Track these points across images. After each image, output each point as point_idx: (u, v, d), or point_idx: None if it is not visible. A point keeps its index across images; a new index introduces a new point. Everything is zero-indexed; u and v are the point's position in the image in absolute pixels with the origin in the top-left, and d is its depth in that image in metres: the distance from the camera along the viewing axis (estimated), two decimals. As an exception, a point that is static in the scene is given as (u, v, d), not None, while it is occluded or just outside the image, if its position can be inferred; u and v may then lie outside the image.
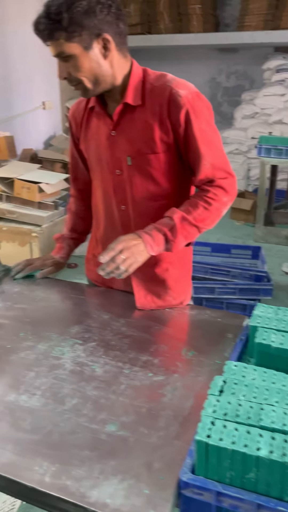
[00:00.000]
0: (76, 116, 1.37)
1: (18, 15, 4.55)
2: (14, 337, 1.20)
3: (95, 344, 1.17)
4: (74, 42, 1.11)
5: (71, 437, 0.87)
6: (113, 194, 1.32)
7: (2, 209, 3.30)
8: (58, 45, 1.12)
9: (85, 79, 1.16)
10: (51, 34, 1.10)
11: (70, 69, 1.15)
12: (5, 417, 0.92)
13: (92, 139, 1.33)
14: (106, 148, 1.28)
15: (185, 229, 1.22)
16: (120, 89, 1.22)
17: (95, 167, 1.35)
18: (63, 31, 1.09)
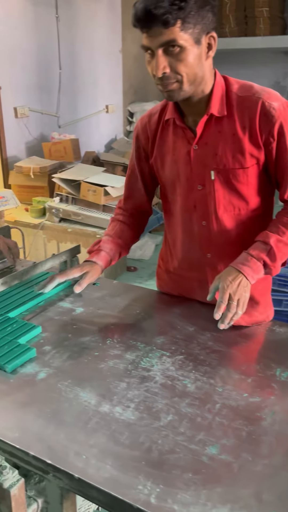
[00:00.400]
0: (148, 129, 1.30)
1: (87, 20, 4.64)
2: (100, 344, 1.19)
3: (183, 357, 1.14)
4: (188, 33, 1.04)
5: (171, 457, 0.84)
6: (193, 210, 1.27)
7: (67, 211, 3.36)
8: (170, 33, 1.02)
9: (186, 76, 1.08)
10: (168, 18, 1.00)
11: (173, 63, 1.06)
12: (102, 429, 0.90)
13: (168, 154, 1.27)
14: (186, 163, 1.23)
15: (281, 251, 1.18)
16: (205, 99, 1.17)
17: (171, 183, 1.30)
18: (182, 18, 1.02)
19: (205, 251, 1.30)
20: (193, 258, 1.33)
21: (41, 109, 4.24)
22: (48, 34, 4.18)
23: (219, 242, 1.27)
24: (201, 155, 1.20)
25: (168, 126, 1.25)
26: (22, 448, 0.85)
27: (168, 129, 1.25)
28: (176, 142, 1.24)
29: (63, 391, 1.01)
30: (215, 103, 1.15)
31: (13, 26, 3.78)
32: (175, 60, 1.06)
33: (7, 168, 3.89)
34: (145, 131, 1.31)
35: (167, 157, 1.27)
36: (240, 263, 1.18)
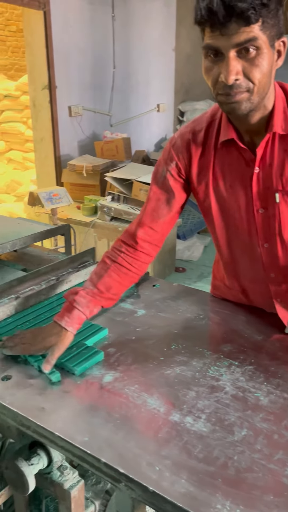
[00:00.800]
0: (192, 149, 1.14)
1: (142, 19, 4.63)
2: (165, 349, 1.16)
3: (253, 368, 1.08)
4: (266, 34, 0.90)
5: (249, 476, 0.79)
6: (254, 233, 1.15)
7: (119, 210, 3.36)
8: (250, 31, 0.88)
9: (258, 84, 0.93)
10: (252, 15, 0.86)
11: (247, 68, 0.92)
12: (174, 439, 0.87)
13: (220, 178, 1.13)
14: (246, 186, 1.10)
15: None
16: (267, 116, 1.03)
17: (224, 208, 1.16)
18: (264, 16, 0.88)
19: (268, 272, 1.21)
20: (255, 276, 1.25)
21: (94, 108, 4.27)
22: (103, 33, 4.20)
23: (284, 263, 1.17)
24: (265, 177, 1.08)
25: (221, 148, 1.10)
26: (93, 453, 0.83)
27: (221, 150, 1.11)
28: (231, 165, 1.10)
29: (131, 396, 0.98)
30: (277, 119, 1.02)
31: (70, 25, 3.82)
32: (249, 64, 0.91)
33: (60, 166, 3.94)
34: (188, 149, 1.14)
35: (220, 181, 1.13)
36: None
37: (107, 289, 1.15)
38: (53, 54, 3.70)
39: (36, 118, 3.91)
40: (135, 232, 1.19)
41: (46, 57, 3.68)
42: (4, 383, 1.02)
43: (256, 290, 1.30)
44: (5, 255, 1.69)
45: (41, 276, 1.38)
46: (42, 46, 3.65)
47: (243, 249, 1.22)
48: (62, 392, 0.99)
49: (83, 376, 1.05)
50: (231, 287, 1.36)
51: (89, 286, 1.15)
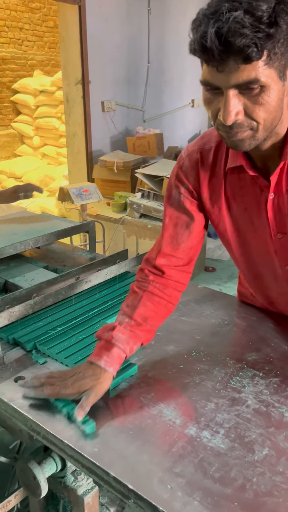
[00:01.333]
0: (200, 169, 1.04)
1: (178, 13, 4.54)
2: (186, 356, 1.11)
3: (279, 380, 1.02)
4: (273, 67, 0.75)
5: (269, 500, 0.73)
6: (274, 255, 1.06)
7: (148, 207, 3.31)
8: (252, 70, 0.74)
9: (263, 123, 0.81)
10: (254, 51, 0.71)
11: (249, 107, 0.79)
12: (189, 455, 0.81)
13: (233, 201, 1.03)
14: (261, 211, 1.01)
15: None
16: (280, 142, 0.91)
17: (241, 229, 1.07)
18: (269, 49, 0.73)
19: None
20: (280, 290, 1.16)
21: (127, 103, 4.23)
22: (138, 27, 4.15)
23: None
24: (281, 204, 0.98)
25: (232, 172, 1.00)
26: (102, 466, 0.79)
27: (231, 174, 1.01)
28: (244, 188, 1.01)
29: (146, 405, 0.94)
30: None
31: (105, 19, 3.78)
32: (252, 103, 0.79)
33: (92, 162, 3.92)
34: (196, 170, 1.04)
35: (233, 203, 1.04)
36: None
37: (144, 320, 1.02)
38: (87, 49, 3.68)
39: (69, 113, 3.91)
40: (157, 262, 1.08)
41: (80, 52, 3.66)
42: (16, 385, 0.99)
43: (283, 301, 1.22)
44: (29, 251, 1.67)
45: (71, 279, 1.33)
46: (76, 40, 3.64)
47: (264, 269, 1.13)
48: (75, 397, 0.96)
49: (98, 381, 1.01)
50: (257, 297, 1.29)
51: (124, 320, 1.02)
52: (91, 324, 1.21)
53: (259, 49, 0.72)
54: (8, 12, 6.20)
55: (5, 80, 6.46)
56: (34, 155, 6.53)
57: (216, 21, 0.72)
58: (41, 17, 6.64)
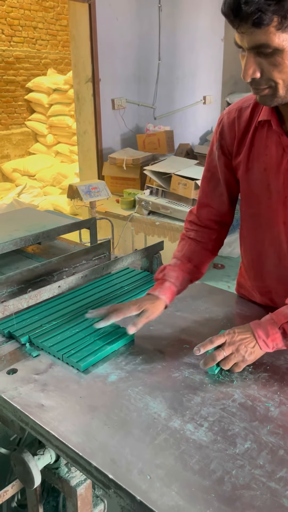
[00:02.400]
0: (236, 126, 1.10)
1: (190, 9, 4.52)
2: (177, 350, 1.11)
3: (268, 375, 1.02)
4: (286, 32, 0.83)
5: (246, 493, 0.73)
6: (283, 227, 1.09)
7: (156, 204, 3.32)
8: (262, 34, 0.83)
9: (282, 83, 0.89)
10: (262, 18, 0.80)
11: (266, 67, 0.88)
12: (170, 448, 0.82)
13: (256, 159, 1.08)
14: (278, 173, 1.05)
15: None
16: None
17: (256, 193, 1.11)
18: (280, 16, 0.80)
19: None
20: (280, 277, 1.18)
21: (137, 101, 4.23)
22: (149, 24, 4.14)
23: None
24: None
25: (262, 127, 1.06)
26: (85, 456, 0.80)
27: (261, 130, 1.07)
28: (268, 147, 1.06)
29: (133, 398, 0.95)
30: None
31: (115, 17, 3.80)
32: (268, 64, 0.87)
33: (102, 159, 3.95)
34: (232, 127, 1.12)
35: (255, 163, 1.09)
36: (257, 323, 1.00)
37: (189, 260, 1.21)
38: (97, 46, 3.70)
39: (79, 111, 3.94)
40: (196, 212, 1.26)
41: (90, 50, 3.68)
42: (9, 377, 1.01)
43: (280, 292, 1.22)
44: (32, 247, 1.70)
45: (53, 267, 1.37)
46: (86, 39, 3.66)
47: (270, 243, 1.15)
48: (63, 390, 0.98)
49: (87, 373, 1.03)
50: (255, 288, 1.29)
51: (174, 261, 1.21)
52: (86, 318, 1.23)
53: (267, 14, 0.80)
54: (22, 11, 6.27)
55: (19, 79, 6.53)
56: (47, 153, 6.59)
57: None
58: (55, 15, 6.69)
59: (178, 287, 1.18)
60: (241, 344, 0.98)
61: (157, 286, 1.17)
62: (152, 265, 1.51)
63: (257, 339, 0.98)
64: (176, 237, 3.25)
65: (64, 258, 1.38)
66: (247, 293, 1.36)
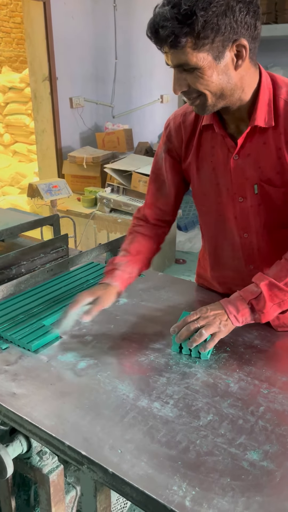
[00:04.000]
0: (182, 130, 1.16)
1: (145, 9, 4.59)
2: (142, 337, 1.17)
3: (227, 355, 1.09)
4: (203, 51, 0.89)
5: (209, 459, 0.80)
6: (233, 221, 1.16)
7: (118, 201, 3.36)
8: (181, 54, 0.90)
9: (209, 93, 0.96)
10: (176, 40, 0.87)
11: (191, 81, 0.94)
12: (139, 424, 0.88)
13: (205, 160, 1.14)
14: (226, 172, 1.11)
15: (277, 297, 1.04)
16: (247, 106, 1.02)
17: (208, 191, 1.17)
18: (193, 37, 0.87)
19: (247, 263, 1.22)
20: (235, 267, 1.26)
21: (96, 99, 4.26)
22: (105, 24, 4.18)
23: (263, 255, 1.17)
24: (243, 166, 1.08)
25: (206, 130, 1.12)
26: (58, 437, 0.85)
27: (206, 132, 1.12)
28: (214, 148, 1.12)
29: (102, 382, 1.00)
30: (261, 112, 1.01)
31: (70, 16, 3.80)
32: (192, 78, 0.94)
33: (61, 158, 3.95)
34: (179, 132, 1.17)
35: (204, 164, 1.15)
36: (227, 301, 1.08)
37: (138, 253, 1.26)
38: (54, 45, 3.70)
39: (37, 110, 3.92)
40: (144, 212, 1.32)
41: (46, 48, 3.68)
42: (-21, 369, 1.04)
43: (237, 281, 1.30)
44: (-6, 245, 1.71)
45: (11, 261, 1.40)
46: (42, 37, 3.65)
47: (225, 237, 1.22)
48: (34, 378, 1.01)
49: (57, 362, 1.07)
50: (214, 278, 1.36)
51: (122, 253, 1.27)
52: (54, 310, 1.26)
53: (180, 38, 0.87)
54: (-26, 8, 6.13)
55: (-27, 77, 6.38)
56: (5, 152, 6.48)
57: (154, 13, 0.90)
58: (8, 13, 6.58)
59: (129, 273, 1.23)
60: (215, 317, 1.05)
61: (108, 275, 1.22)
62: (116, 259, 1.56)
63: (228, 314, 1.05)
64: (138, 234, 3.31)
65: (21, 252, 1.41)
66: (207, 283, 1.43)
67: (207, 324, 1.04)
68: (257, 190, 1.09)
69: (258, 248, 1.18)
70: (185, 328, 1.05)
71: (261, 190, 1.08)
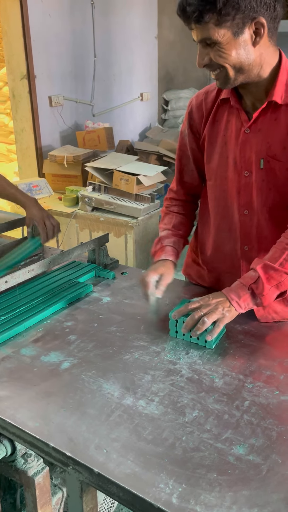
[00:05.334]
0: (203, 107, 1.23)
1: (123, 7, 4.57)
2: (126, 335, 1.16)
3: (212, 351, 1.09)
4: (225, 27, 0.98)
5: (196, 455, 0.80)
6: (236, 196, 1.20)
7: (100, 200, 3.34)
8: (205, 30, 0.99)
9: (229, 67, 1.04)
10: (200, 16, 0.97)
11: (213, 55, 1.03)
12: (125, 422, 0.87)
13: (219, 134, 1.20)
14: (236, 145, 1.16)
15: (274, 278, 1.08)
16: (265, 84, 1.09)
17: (217, 165, 1.23)
18: (216, 13, 0.96)
19: (243, 243, 1.23)
20: (229, 249, 1.27)
21: (75, 98, 4.22)
22: (83, 22, 4.14)
23: (260, 235, 1.19)
24: (252, 140, 1.13)
25: (224, 105, 1.19)
26: (42, 439, 0.83)
27: (223, 108, 1.19)
28: (229, 122, 1.18)
29: (87, 382, 0.99)
30: (279, 89, 1.07)
31: (48, 14, 3.76)
32: (214, 54, 1.03)
33: (42, 157, 3.90)
34: (200, 108, 1.24)
35: (218, 138, 1.21)
36: (228, 289, 1.12)
37: (178, 228, 1.35)
38: (31, 43, 3.65)
39: (16, 109, 3.87)
40: (173, 189, 1.40)
41: (24, 46, 3.63)
42: None
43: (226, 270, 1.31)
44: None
45: None
46: (19, 35, 3.60)
47: (224, 214, 1.25)
48: (18, 380, 1.00)
49: (40, 362, 1.05)
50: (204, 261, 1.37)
51: (165, 232, 1.34)
52: (36, 311, 1.24)
53: (205, 14, 0.96)
54: None
55: None
56: (-16, 152, 6.39)
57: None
58: (-16, 11, 6.48)
59: (178, 248, 1.32)
60: (217, 304, 1.08)
61: (160, 253, 1.29)
62: (99, 257, 1.54)
63: (231, 301, 1.09)
64: (121, 232, 3.30)
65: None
66: (194, 273, 1.43)
67: (209, 312, 1.07)
68: (262, 165, 1.13)
69: (257, 227, 1.20)
70: (190, 317, 1.09)
71: (266, 165, 1.13)
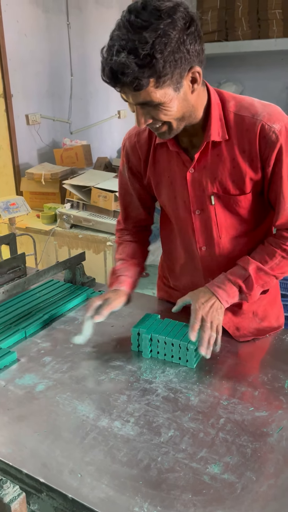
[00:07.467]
0: (138, 149, 1.19)
1: (98, 27, 4.64)
2: (102, 355, 1.16)
3: (187, 368, 1.10)
4: (165, 87, 0.92)
5: (171, 476, 0.79)
6: (192, 235, 1.20)
7: (78, 217, 3.34)
8: (144, 94, 0.92)
9: (173, 120, 1.00)
10: (140, 84, 0.88)
11: (155, 114, 0.97)
12: (99, 445, 0.86)
13: (163, 175, 1.18)
14: (183, 186, 1.15)
15: (261, 279, 1.13)
16: (200, 122, 1.06)
17: (168, 204, 1.22)
18: (155, 77, 0.89)
19: (206, 276, 1.24)
20: (195, 281, 1.27)
21: (52, 116, 4.24)
22: (59, 41, 4.19)
23: (221, 267, 1.19)
24: (199, 179, 1.12)
25: (161, 147, 1.16)
26: (15, 465, 0.82)
27: (161, 151, 1.16)
28: (170, 162, 1.15)
29: (61, 404, 0.98)
30: (214, 127, 1.05)
31: (24, 34, 3.80)
32: (156, 112, 0.97)
33: (19, 175, 3.89)
34: (135, 151, 1.21)
35: (162, 178, 1.19)
36: (216, 286, 1.14)
37: (133, 257, 1.32)
38: (7, 62, 3.67)
39: (-8, 128, 3.86)
40: (122, 223, 1.39)
41: (0, 65, 3.64)
42: None
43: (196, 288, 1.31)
44: None
45: None
46: (-5, 54, 3.62)
47: (184, 250, 1.25)
48: (-9, 404, 0.98)
49: (15, 386, 1.04)
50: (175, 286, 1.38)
51: (119, 262, 1.32)
52: (12, 332, 1.23)
53: (143, 81, 0.89)
54: None
55: None
56: None
57: (109, 61, 0.89)
58: None
59: (132, 277, 1.29)
60: (212, 311, 1.10)
61: (114, 283, 1.26)
62: (75, 276, 1.54)
63: (221, 300, 1.12)
64: (100, 249, 3.29)
65: None
66: (167, 295, 1.44)
67: (212, 323, 1.09)
68: (213, 201, 1.13)
69: (218, 260, 1.20)
70: (205, 336, 1.08)
71: (218, 200, 1.13)
